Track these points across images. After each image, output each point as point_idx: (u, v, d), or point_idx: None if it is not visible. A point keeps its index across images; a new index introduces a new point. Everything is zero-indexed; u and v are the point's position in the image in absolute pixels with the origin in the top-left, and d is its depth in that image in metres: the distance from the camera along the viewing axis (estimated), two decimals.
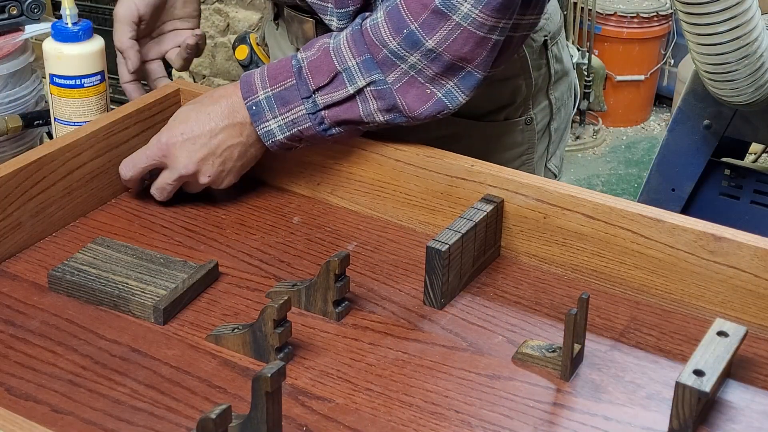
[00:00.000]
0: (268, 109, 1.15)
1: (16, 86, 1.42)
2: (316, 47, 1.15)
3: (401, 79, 1.12)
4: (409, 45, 1.10)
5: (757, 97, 2.16)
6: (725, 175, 2.39)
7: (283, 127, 1.15)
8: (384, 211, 1.22)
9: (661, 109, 4.33)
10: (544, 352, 0.98)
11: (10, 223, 1.12)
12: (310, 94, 1.14)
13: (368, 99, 1.13)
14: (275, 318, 0.94)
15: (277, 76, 1.15)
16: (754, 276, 1.02)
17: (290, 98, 1.14)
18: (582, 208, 1.09)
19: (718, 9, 2.04)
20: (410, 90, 1.12)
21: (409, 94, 1.12)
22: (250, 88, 1.16)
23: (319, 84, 1.13)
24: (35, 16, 1.44)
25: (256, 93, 1.15)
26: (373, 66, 1.12)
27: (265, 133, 1.16)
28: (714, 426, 0.91)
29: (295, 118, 1.15)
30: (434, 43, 1.09)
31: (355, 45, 1.12)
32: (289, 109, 1.14)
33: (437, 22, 1.08)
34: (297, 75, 1.14)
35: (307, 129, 1.15)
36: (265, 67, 1.17)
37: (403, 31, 1.10)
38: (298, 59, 1.15)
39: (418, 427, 0.90)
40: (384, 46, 1.11)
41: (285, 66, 1.15)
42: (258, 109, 1.15)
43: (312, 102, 1.14)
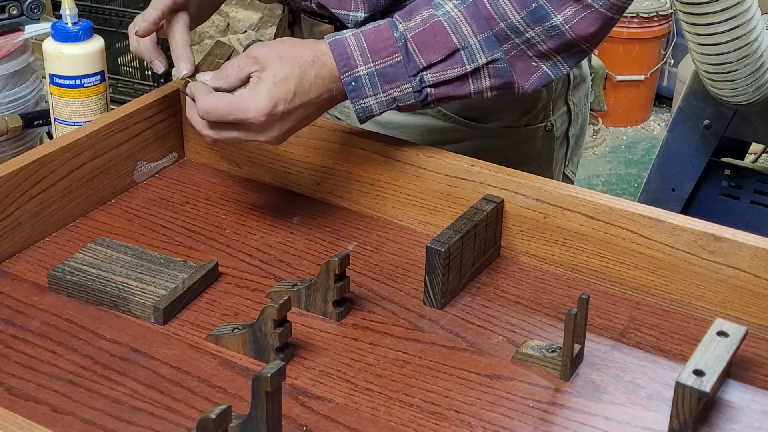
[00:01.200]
0: (370, 85, 1.08)
1: (16, 86, 1.42)
2: (419, 18, 1.08)
3: (509, 53, 1.08)
4: (534, 20, 1.06)
5: (757, 97, 2.16)
6: (725, 175, 2.39)
7: (383, 103, 1.09)
8: (384, 211, 1.22)
9: (661, 109, 4.33)
10: (544, 352, 0.98)
11: (10, 223, 1.12)
12: (417, 72, 1.08)
13: (483, 77, 1.09)
14: (275, 318, 0.94)
15: (380, 51, 1.07)
16: (754, 276, 1.02)
17: (396, 75, 1.08)
18: (582, 208, 1.09)
19: (718, 9, 2.04)
20: (517, 63, 1.09)
21: (516, 68, 1.09)
22: (347, 61, 1.07)
23: (432, 61, 1.08)
24: (35, 16, 1.44)
25: (356, 67, 1.07)
26: (494, 44, 1.07)
27: (362, 109, 1.09)
28: (714, 426, 0.91)
29: (398, 96, 1.09)
30: (561, 20, 1.06)
31: (474, 20, 1.07)
32: (393, 87, 1.08)
33: (567, 1, 1.05)
34: (404, 50, 1.07)
35: (407, 105, 1.10)
36: (362, 37, 1.08)
37: (530, 5, 1.05)
38: (401, 31, 1.08)
39: (418, 427, 0.90)
40: (503, 20, 1.06)
41: (387, 39, 1.08)
42: (358, 85, 1.08)
43: (419, 79, 1.08)
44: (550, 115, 1.35)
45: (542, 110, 1.34)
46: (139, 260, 1.09)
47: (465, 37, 1.07)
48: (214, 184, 1.29)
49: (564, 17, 1.06)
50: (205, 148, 1.33)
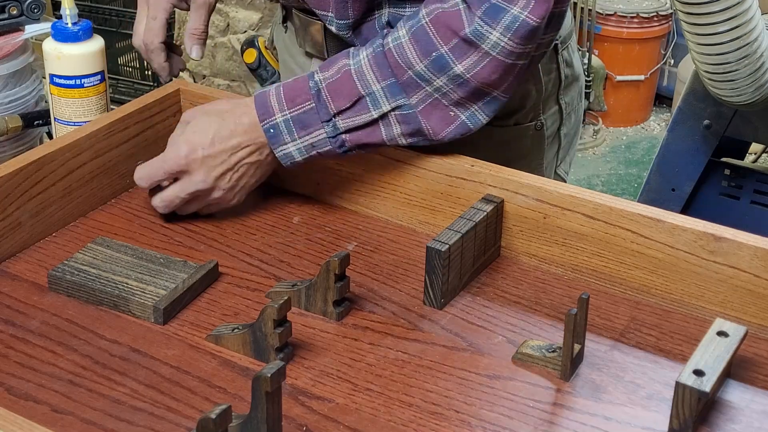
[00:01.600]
0: (287, 132, 1.13)
1: (16, 86, 1.42)
2: (334, 68, 1.13)
3: (425, 101, 1.11)
4: (436, 68, 1.09)
5: (757, 97, 2.16)
6: (725, 175, 2.39)
7: (302, 149, 1.13)
8: (384, 211, 1.22)
9: (661, 109, 4.33)
10: (544, 352, 0.98)
11: (10, 223, 1.12)
12: (330, 118, 1.12)
13: (392, 123, 1.12)
14: (275, 318, 0.94)
15: (294, 98, 1.13)
16: (754, 276, 1.02)
17: (309, 122, 1.12)
18: (582, 208, 1.09)
19: (718, 9, 2.04)
20: (434, 112, 1.12)
21: (433, 117, 1.12)
22: (266, 109, 1.13)
23: (341, 107, 1.12)
24: (35, 16, 1.44)
25: (273, 115, 1.13)
26: (398, 90, 1.11)
27: (284, 156, 1.14)
28: (714, 426, 0.91)
29: (315, 142, 1.13)
30: (463, 69, 1.09)
31: (379, 68, 1.11)
32: (309, 133, 1.13)
33: (467, 49, 1.08)
34: (316, 98, 1.12)
35: (326, 151, 1.14)
36: (281, 88, 1.14)
37: (431, 54, 1.09)
38: (316, 81, 1.13)
39: (418, 427, 0.90)
40: (409, 68, 1.10)
41: (302, 87, 1.13)
42: (276, 132, 1.13)
43: (332, 125, 1.12)
44: (540, 114, 1.35)
45: (531, 109, 1.34)
46: (139, 260, 1.09)
47: (368, 83, 1.11)
48: None
49: (465, 67, 1.09)
50: None
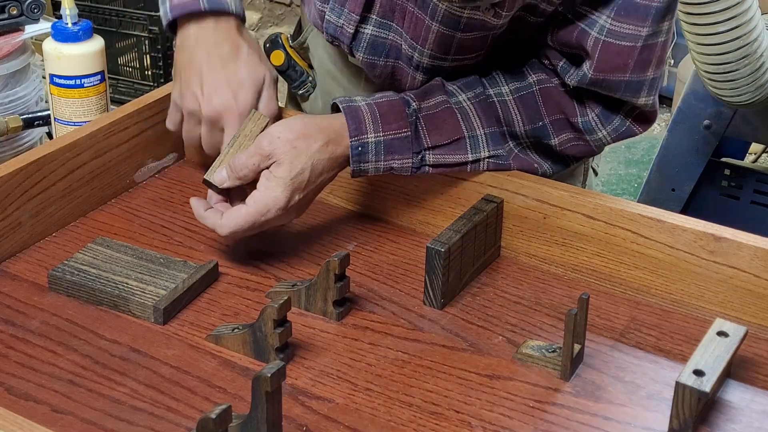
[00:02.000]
0: (374, 153, 1.09)
1: (16, 86, 1.42)
2: (433, 100, 1.11)
3: (512, 151, 1.14)
4: (534, 134, 1.13)
5: (758, 97, 2.16)
6: (725, 175, 2.39)
7: (380, 169, 1.10)
8: (384, 211, 1.22)
9: (661, 109, 4.31)
10: (544, 352, 0.98)
11: (10, 223, 1.12)
12: (421, 150, 1.10)
13: (482, 166, 1.13)
14: (275, 318, 0.94)
15: (391, 122, 1.09)
16: (754, 276, 1.02)
17: (400, 149, 1.10)
18: (582, 208, 1.09)
19: (718, 9, 2.03)
20: (518, 161, 1.15)
21: (517, 163, 1.15)
22: (359, 125, 1.09)
23: (437, 143, 1.10)
24: (35, 16, 1.44)
25: (365, 134, 1.09)
26: (499, 140, 1.12)
27: (358, 170, 1.10)
28: (714, 426, 0.91)
29: (397, 167, 1.11)
30: (557, 142, 1.14)
31: (485, 115, 1.12)
32: (395, 158, 1.10)
33: (568, 128, 1.13)
34: (413, 127, 1.10)
35: (401, 174, 1.12)
36: (375, 107, 1.10)
37: (536, 123, 1.13)
38: (414, 108, 1.10)
39: (418, 427, 0.90)
40: (509, 126, 1.13)
41: (399, 111, 1.10)
42: (363, 151, 1.09)
43: (421, 157, 1.11)
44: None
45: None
46: (139, 260, 1.09)
47: (473, 127, 1.11)
48: None
49: (559, 140, 1.14)
50: None
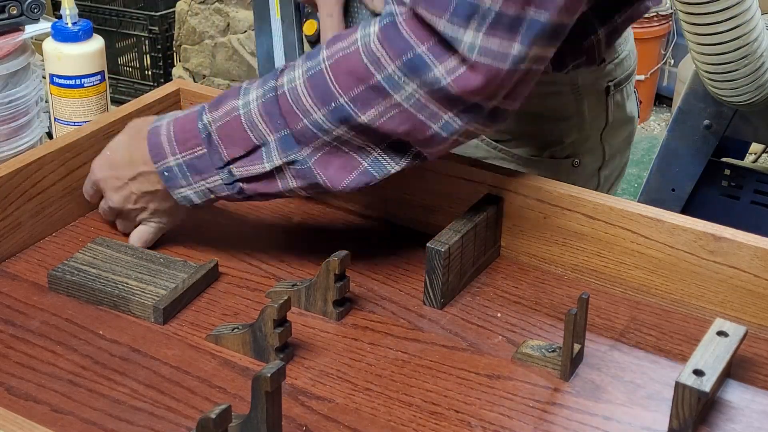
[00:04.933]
0: (181, 176, 1.06)
1: (16, 86, 1.42)
2: (223, 109, 1.04)
3: (321, 150, 1.01)
4: (336, 119, 0.99)
5: (757, 97, 2.16)
6: (725, 175, 2.39)
7: (200, 194, 1.07)
8: (384, 211, 1.22)
9: (661, 109, 4.33)
10: (544, 352, 0.98)
11: (10, 223, 1.12)
12: (224, 165, 1.05)
13: (287, 177, 1.04)
14: (275, 318, 0.94)
15: (186, 141, 1.06)
16: (754, 276, 1.02)
17: (203, 167, 1.05)
18: (582, 208, 1.09)
19: (718, 9, 2.04)
20: (332, 161, 1.02)
21: (331, 166, 1.02)
22: (159, 151, 1.07)
23: (234, 155, 1.04)
24: (35, 16, 1.44)
25: (166, 158, 1.07)
26: (291, 144, 1.02)
27: (182, 198, 1.08)
28: (714, 426, 0.91)
29: (212, 187, 1.06)
30: (368, 119, 0.98)
31: (270, 117, 1.02)
32: (204, 178, 1.06)
33: (374, 98, 0.97)
34: (207, 143, 1.05)
35: (226, 196, 1.07)
36: (172, 127, 1.07)
37: (330, 104, 0.98)
38: (205, 123, 1.05)
39: (418, 426, 0.90)
40: (305, 116, 1.00)
41: (192, 130, 1.05)
42: (171, 175, 1.07)
43: (227, 172, 1.05)
44: (579, 152, 1.31)
45: (569, 146, 1.30)
46: (139, 260, 1.09)
47: (261, 134, 1.03)
48: None
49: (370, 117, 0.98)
50: None
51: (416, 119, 0.97)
